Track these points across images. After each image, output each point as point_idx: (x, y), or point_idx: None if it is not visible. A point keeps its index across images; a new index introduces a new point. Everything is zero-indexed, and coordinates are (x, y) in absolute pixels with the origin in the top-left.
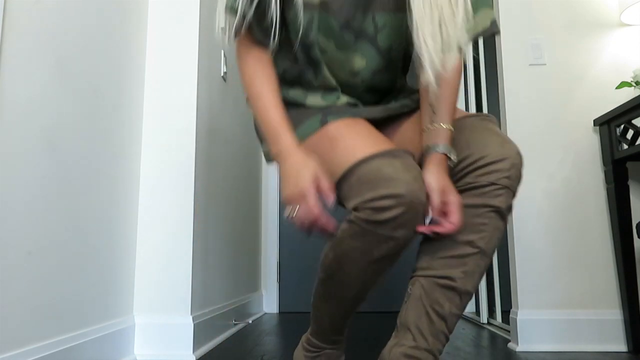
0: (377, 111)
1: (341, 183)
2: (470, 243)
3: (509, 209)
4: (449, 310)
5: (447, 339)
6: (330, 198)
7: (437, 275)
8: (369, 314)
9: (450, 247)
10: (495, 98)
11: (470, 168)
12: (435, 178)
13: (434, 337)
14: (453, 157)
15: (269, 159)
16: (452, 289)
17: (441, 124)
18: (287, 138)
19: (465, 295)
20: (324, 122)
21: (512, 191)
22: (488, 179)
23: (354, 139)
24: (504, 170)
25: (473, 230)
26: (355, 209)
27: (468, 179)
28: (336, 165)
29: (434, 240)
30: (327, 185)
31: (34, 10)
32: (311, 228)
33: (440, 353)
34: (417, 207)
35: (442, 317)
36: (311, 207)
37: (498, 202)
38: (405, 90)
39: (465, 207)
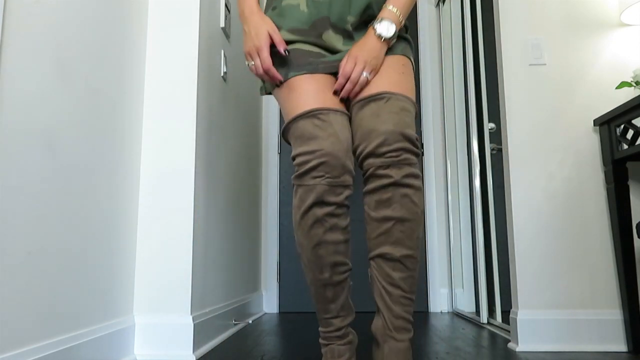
0: (333, 66)
1: (287, 133)
2: (386, 218)
3: (407, 176)
4: (397, 276)
5: (410, 300)
6: (282, 47)
7: (376, 255)
8: (370, 314)
9: (375, 228)
10: (495, 98)
11: (362, 157)
12: (356, 47)
13: (396, 304)
14: (384, 34)
15: (262, 93)
16: (390, 259)
17: (388, 6)
18: (252, 2)
19: (405, 259)
20: (286, 78)
21: (402, 164)
22: (375, 163)
23: (299, 96)
24: (387, 154)
25: (384, 206)
26: (294, 162)
27: (364, 167)
28: (286, 116)
29: (368, 228)
30: (279, 39)
31: (34, 10)
32: (263, 76)
33: (411, 314)
34: (330, 160)
35: (395, 285)
36: (264, 60)
37: (390, 179)
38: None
39: (371, 191)
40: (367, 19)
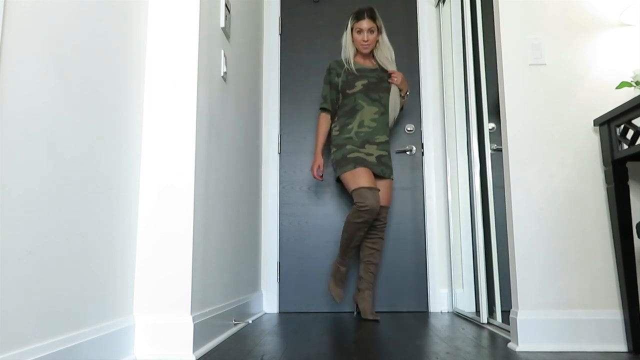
0: (372, 169)
1: (354, 192)
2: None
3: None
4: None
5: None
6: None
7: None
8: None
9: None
10: (496, 98)
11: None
12: None
13: (370, 277)
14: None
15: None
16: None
17: None
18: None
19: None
20: (353, 167)
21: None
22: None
23: (360, 177)
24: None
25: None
26: (355, 204)
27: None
28: (353, 185)
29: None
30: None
31: (34, 10)
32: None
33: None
34: (373, 210)
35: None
36: (315, 166)
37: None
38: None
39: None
40: None
